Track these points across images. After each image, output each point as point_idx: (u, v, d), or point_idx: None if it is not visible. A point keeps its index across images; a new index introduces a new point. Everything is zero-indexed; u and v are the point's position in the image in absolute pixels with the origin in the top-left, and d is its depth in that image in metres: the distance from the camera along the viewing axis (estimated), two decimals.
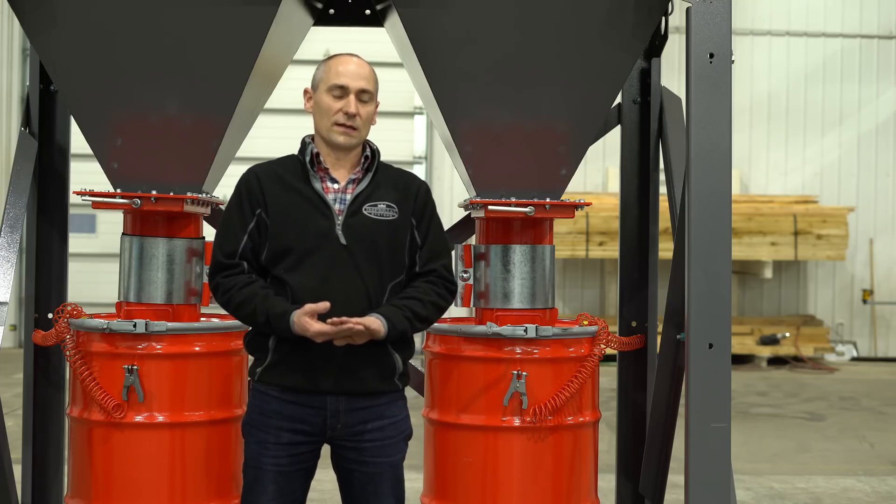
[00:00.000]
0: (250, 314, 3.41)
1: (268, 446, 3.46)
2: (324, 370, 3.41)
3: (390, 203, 3.52)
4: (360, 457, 3.49)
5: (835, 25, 15.65)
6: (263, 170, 3.54)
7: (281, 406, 3.45)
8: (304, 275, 3.42)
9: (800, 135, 15.60)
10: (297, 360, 3.42)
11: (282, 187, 3.48)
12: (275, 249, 3.45)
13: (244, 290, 3.42)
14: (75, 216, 5.39)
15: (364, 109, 3.51)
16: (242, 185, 3.52)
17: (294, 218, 3.45)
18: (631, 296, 4.74)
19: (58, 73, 4.11)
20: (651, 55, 4.69)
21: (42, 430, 4.69)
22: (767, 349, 14.26)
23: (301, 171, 3.52)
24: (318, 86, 3.54)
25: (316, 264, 3.42)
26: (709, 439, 3.68)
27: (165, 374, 4.07)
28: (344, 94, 3.49)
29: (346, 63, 3.53)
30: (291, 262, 3.43)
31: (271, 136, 11.69)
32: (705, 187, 3.70)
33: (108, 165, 4.14)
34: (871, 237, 15.54)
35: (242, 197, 3.49)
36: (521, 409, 4.05)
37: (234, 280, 3.45)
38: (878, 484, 7.47)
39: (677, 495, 4.19)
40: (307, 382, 3.42)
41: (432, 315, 3.53)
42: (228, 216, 3.51)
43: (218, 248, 3.50)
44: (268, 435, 3.46)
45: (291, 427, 3.45)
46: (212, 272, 3.50)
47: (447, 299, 3.58)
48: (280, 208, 3.46)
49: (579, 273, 15.22)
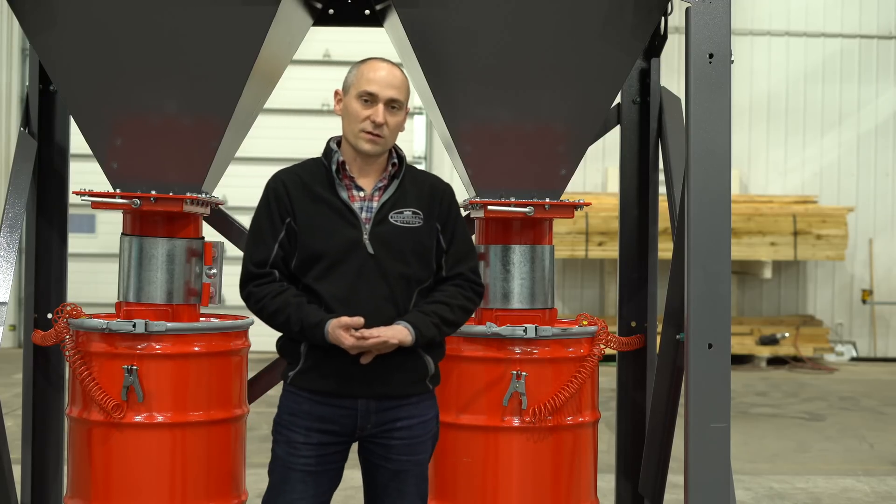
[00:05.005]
0: (284, 322, 3.41)
1: (297, 446, 3.46)
2: (356, 375, 3.41)
3: (416, 210, 3.51)
4: (387, 453, 3.50)
5: (834, 25, 15.65)
6: (289, 177, 3.52)
7: (312, 407, 3.46)
8: (332, 284, 3.42)
9: (799, 135, 15.60)
10: (329, 365, 3.42)
11: (308, 196, 3.47)
12: (303, 258, 3.45)
13: (277, 298, 3.42)
14: (75, 216, 5.39)
15: (392, 119, 3.48)
16: (270, 193, 3.50)
17: (321, 228, 3.44)
18: (630, 296, 4.74)
19: (57, 73, 4.11)
20: (650, 55, 4.70)
21: (41, 431, 4.69)
22: (767, 349, 14.26)
23: (326, 178, 3.50)
24: (349, 90, 3.50)
25: (344, 273, 3.42)
26: (708, 439, 3.68)
27: (165, 375, 4.07)
28: (373, 101, 3.46)
29: (377, 70, 3.49)
30: (320, 271, 3.43)
31: (271, 136, 11.67)
32: (705, 187, 3.70)
33: (108, 165, 4.14)
34: (870, 237, 15.54)
35: (271, 205, 3.48)
36: (520, 410, 4.05)
37: (266, 289, 3.44)
38: (878, 484, 7.47)
39: (677, 495, 4.19)
40: (339, 387, 3.43)
41: (460, 318, 3.53)
42: (258, 225, 3.50)
43: (248, 258, 3.49)
44: (298, 435, 3.46)
45: (321, 427, 3.45)
46: (243, 281, 3.50)
47: (475, 302, 3.58)
48: (307, 218, 3.45)
49: (579, 273, 15.22)
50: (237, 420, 4.23)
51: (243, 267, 3.50)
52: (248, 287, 3.48)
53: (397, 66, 3.55)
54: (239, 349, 4.25)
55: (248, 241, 3.54)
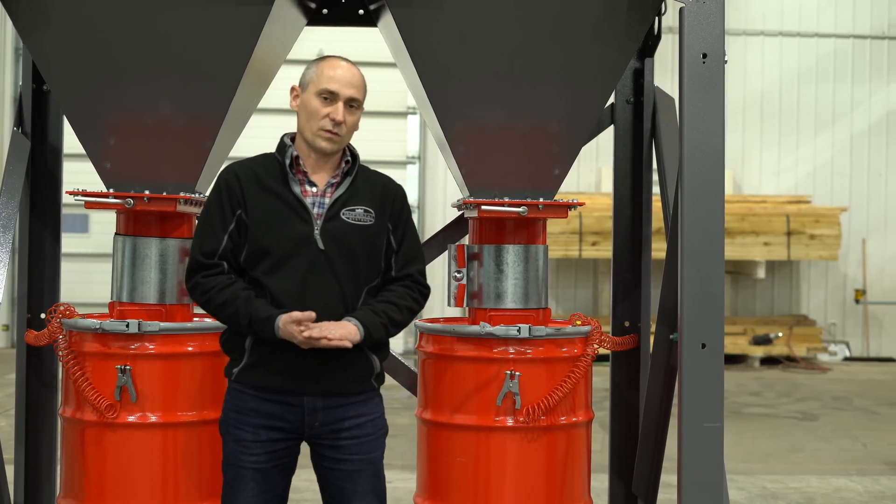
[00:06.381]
0: (231, 316, 3.41)
1: (246, 444, 3.47)
2: (303, 372, 3.43)
3: (367, 208, 3.53)
4: (338, 454, 3.50)
5: (828, 26, 15.68)
6: (242, 169, 3.54)
7: (258, 404, 3.47)
8: (282, 279, 3.43)
9: (793, 135, 15.63)
10: (276, 361, 3.43)
11: (261, 189, 3.48)
12: (253, 252, 3.46)
13: (225, 291, 3.42)
14: (68, 216, 5.38)
15: (350, 117, 3.52)
16: (222, 183, 3.51)
17: (273, 222, 3.45)
18: (624, 296, 4.74)
19: (50, 73, 4.10)
20: (644, 55, 4.70)
21: (35, 431, 4.68)
22: (760, 349, 14.28)
23: (280, 172, 3.52)
24: (308, 86, 3.53)
25: (294, 268, 3.43)
26: (702, 439, 3.68)
27: (158, 375, 4.06)
28: (333, 99, 3.49)
29: (337, 68, 3.52)
30: (270, 265, 3.44)
31: (264, 136, 11.62)
32: (698, 187, 3.70)
33: (101, 165, 4.13)
34: (863, 237, 15.57)
35: (223, 196, 3.49)
36: (514, 409, 4.05)
37: (214, 280, 3.44)
38: (871, 483, 7.48)
39: (670, 495, 4.19)
40: (287, 383, 3.44)
41: (406, 319, 3.57)
42: (208, 215, 3.50)
43: (197, 247, 3.49)
44: (245, 433, 3.47)
45: (269, 424, 3.46)
46: (190, 271, 3.50)
47: (420, 304, 3.63)
48: (259, 211, 3.46)
49: (572, 273, 15.23)
50: None
51: (191, 257, 3.50)
52: (195, 277, 3.47)
53: (355, 65, 3.58)
54: None
55: (197, 231, 3.54)
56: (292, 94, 3.60)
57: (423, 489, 4.25)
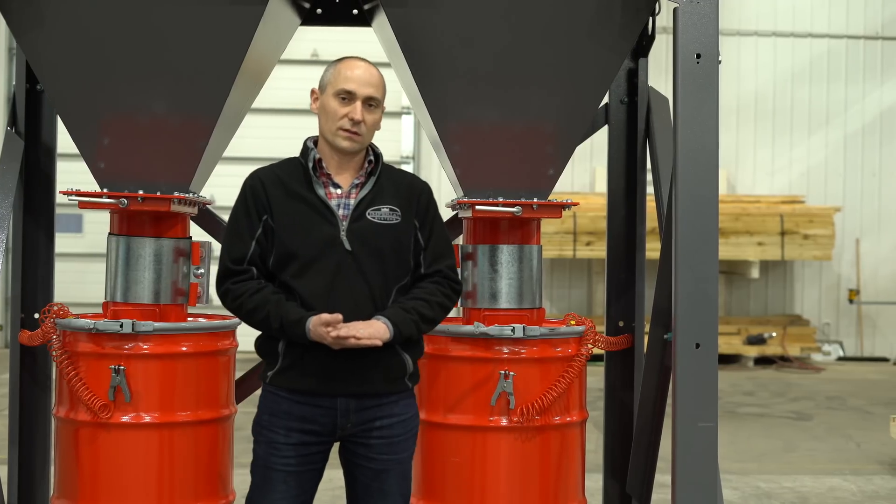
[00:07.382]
0: (263, 320, 3.41)
1: (278, 446, 3.46)
2: (335, 373, 3.42)
3: (393, 207, 3.52)
4: (368, 453, 3.50)
5: (821, 26, 15.70)
6: (267, 174, 3.53)
7: (291, 406, 3.46)
8: (310, 281, 3.42)
9: (786, 135, 15.65)
10: (308, 364, 3.42)
11: (286, 193, 3.48)
12: (281, 256, 3.45)
13: (255, 296, 3.42)
14: (62, 216, 5.37)
15: (370, 116, 3.50)
16: (248, 190, 3.51)
17: (299, 225, 3.45)
18: (618, 296, 4.75)
19: (44, 73, 4.09)
20: (638, 55, 4.70)
21: (28, 431, 4.68)
22: (754, 349, 14.30)
23: (304, 175, 3.51)
24: (326, 88, 3.53)
25: (322, 271, 3.42)
26: (696, 439, 3.69)
27: (152, 375, 4.06)
28: (351, 99, 3.48)
29: (355, 68, 3.51)
30: (297, 268, 3.44)
31: (259, 136, 11.67)
32: (692, 187, 3.71)
33: (95, 165, 4.13)
34: (857, 237, 15.59)
35: (249, 202, 3.49)
36: (508, 409, 4.05)
37: (244, 286, 3.44)
38: (865, 483, 7.49)
39: (664, 495, 4.20)
40: (319, 386, 3.43)
41: (438, 316, 3.54)
42: (235, 222, 3.51)
43: (226, 254, 3.49)
44: (278, 435, 3.46)
45: (301, 427, 3.45)
46: (220, 278, 3.50)
47: (452, 299, 3.59)
48: (285, 215, 3.46)
49: (567, 273, 15.24)
50: (225, 420, 4.22)
51: (220, 264, 3.50)
52: (225, 284, 3.48)
53: (374, 65, 3.56)
54: (226, 349, 4.24)
55: (225, 239, 3.54)
56: (312, 97, 3.59)
57: (417, 489, 4.24)
